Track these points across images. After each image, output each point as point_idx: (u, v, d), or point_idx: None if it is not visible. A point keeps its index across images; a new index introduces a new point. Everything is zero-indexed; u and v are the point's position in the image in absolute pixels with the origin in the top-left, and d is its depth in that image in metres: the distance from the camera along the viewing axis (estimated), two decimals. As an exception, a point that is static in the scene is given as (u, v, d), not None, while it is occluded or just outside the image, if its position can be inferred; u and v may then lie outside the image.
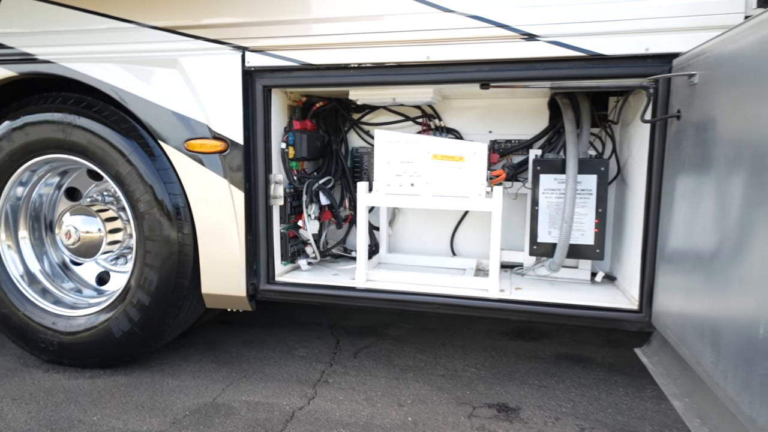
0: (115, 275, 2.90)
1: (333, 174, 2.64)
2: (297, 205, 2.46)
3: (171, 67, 2.20)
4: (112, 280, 2.90)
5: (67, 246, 2.62)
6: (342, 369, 2.62)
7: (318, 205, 2.44)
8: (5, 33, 2.36)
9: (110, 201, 2.80)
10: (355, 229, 2.80)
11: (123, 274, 2.88)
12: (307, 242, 2.47)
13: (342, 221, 2.64)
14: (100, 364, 2.60)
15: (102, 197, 2.84)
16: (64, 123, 2.41)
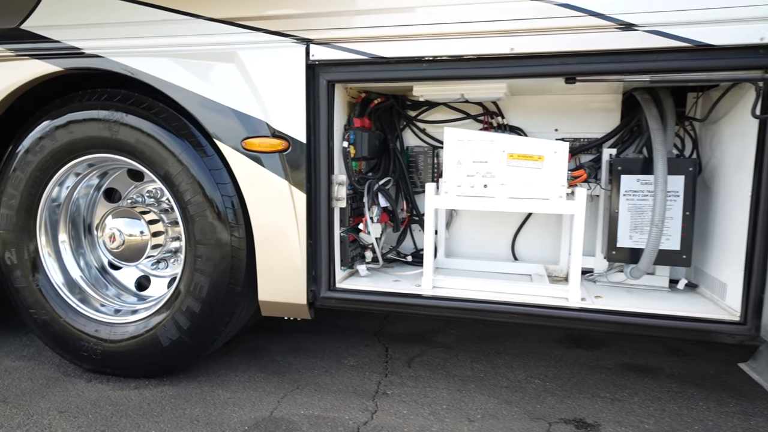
0: (156, 280, 2.78)
1: (390, 175, 2.51)
2: (355, 207, 2.34)
3: (228, 62, 2.08)
4: (153, 285, 2.78)
5: (111, 250, 2.50)
6: (398, 379, 2.49)
7: (378, 207, 2.31)
8: (50, 26, 2.24)
9: (151, 203, 2.68)
10: (409, 233, 2.68)
11: (163, 279, 2.76)
12: (366, 246, 2.34)
13: (400, 224, 2.51)
14: (145, 373, 2.48)
15: (142, 198, 2.72)
16: (111, 121, 2.29)
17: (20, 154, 2.42)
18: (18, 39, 2.28)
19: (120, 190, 2.77)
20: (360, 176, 2.33)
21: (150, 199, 2.70)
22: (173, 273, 2.74)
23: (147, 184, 2.72)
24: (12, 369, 2.60)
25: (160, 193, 2.69)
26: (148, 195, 2.70)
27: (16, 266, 2.52)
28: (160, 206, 2.63)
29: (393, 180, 2.46)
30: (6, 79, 2.31)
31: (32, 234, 2.50)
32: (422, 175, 2.58)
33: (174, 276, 2.74)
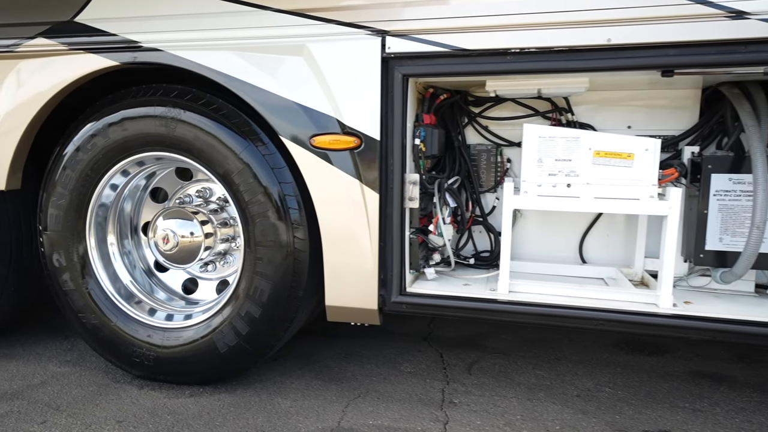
0: (203, 283, 2.68)
1: (454, 173, 2.40)
2: (422, 207, 2.23)
3: (296, 55, 1.98)
4: (200, 288, 2.68)
5: (164, 252, 2.40)
6: (462, 387, 2.39)
7: (449, 207, 2.21)
8: (106, 19, 2.15)
9: (199, 203, 2.59)
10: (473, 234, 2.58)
11: (210, 282, 2.67)
12: (435, 249, 2.24)
13: (465, 225, 2.41)
14: (199, 380, 2.38)
15: (190, 199, 2.63)
16: (168, 117, 2.20)
17: (70, 152, 2.33)
18: (71, 33, 2.19)
19: (167, 190, 2.68)
20: (429, 175, 2.23)
21: (198, 199, 2.61)
22: (220, 276, 2.65)
23: (195, 183, 2.62)
24: (59, 375, 2.51)
25: (209, 193, 2.60)
26: (197, 195, 2.61)
27: (64, 268, 2.43)
28: (208, 207, 2.54)
29: (461, 179, 2.35)
30: (59, 73, 2.22)
31: (81, 235, 2.41)
32: (484, 174, 2.48)
33: (222, 279, 2.65)
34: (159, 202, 2.69)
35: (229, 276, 2.63)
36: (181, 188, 2.65)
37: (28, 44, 2.24)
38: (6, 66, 2.29)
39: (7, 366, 2.61)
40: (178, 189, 2.65)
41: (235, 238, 2.55)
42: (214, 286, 2.67)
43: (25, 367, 2.59)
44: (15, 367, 2.59)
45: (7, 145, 2.35)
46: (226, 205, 2.57)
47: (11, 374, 2.52)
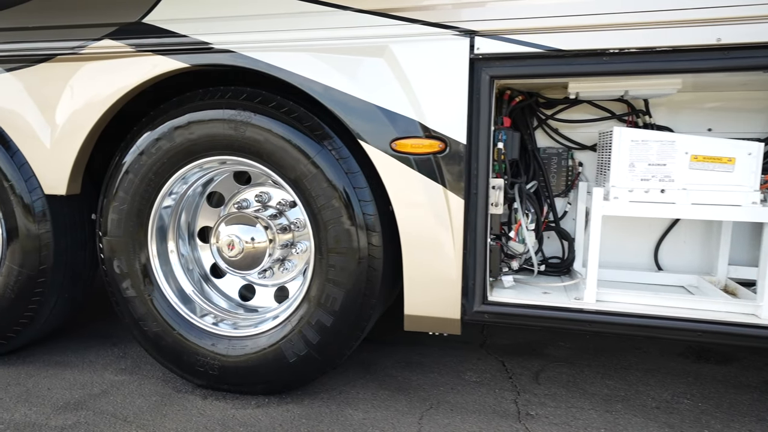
0: (261, 290, 2.62)
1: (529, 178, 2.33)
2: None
3: (377, 56, 1.92)
4: (258, 295, 2.62)
5: (228, 258, 2.34)
6: (535, 398, 2.32)
7: (531, 213, 2.14)
8: (176, 20, 2.10)
9: (257, 208, 2.53)
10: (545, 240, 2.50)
11: (268, 289, 2.61)
12: (514, 256, 2.17)
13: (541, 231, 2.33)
14: (264, 390, 2.32)
15: (247, 203, 2.57)
16: (237, 121, 2.14)
17: (134, 156, 2.28)
18: (139, 34, 2.14)
19: (223, 194, 2.62)
20: (510, 180, 2.16)
21: (256, 204, 2.55)
22: (277, 282, 2.58)
23: (254, 187, 2.57)
24: (117, 383, 2.45)
25: (267, 198, 2.54)
26: (256, 199, 2.55)
27: (125, 275, 2.37)
28: (266, 212, 2.48)
29: (537, 184, 2.28)
30: (126, 76, 2.17)
31: (143, 241, 2.36)
32: (554, 178, 2.41)
33: (279, 285, 2.59)
34: (214, 207, 2.64)
35: (286, 282, 2.57)
36: (237, 192, 2.60)
37: (94, 46, 2.19)
38: (70, 68, 2.24)
39: (62, 374, 2.56)
40: (235, 193, 2.60)
41: (294, 244, 2.49)
42: (272, 293, 2.61)
43: (81, 376, 2.54)
44: (71, 376, 2.54)
45: (69, 149, 2.30)
46: (285, 209, 2.51)
47: (69, 383, 2.46)
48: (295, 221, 2.48)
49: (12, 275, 2.51)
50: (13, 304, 2.53)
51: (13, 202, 2.46)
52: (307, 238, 2.48)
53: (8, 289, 2.52)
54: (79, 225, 2.62)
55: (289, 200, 2.49)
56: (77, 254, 2.63)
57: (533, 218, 2.15)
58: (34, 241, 2.47)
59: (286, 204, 2.50)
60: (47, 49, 2.25)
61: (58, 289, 2.60)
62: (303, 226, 2.48)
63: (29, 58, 2.28)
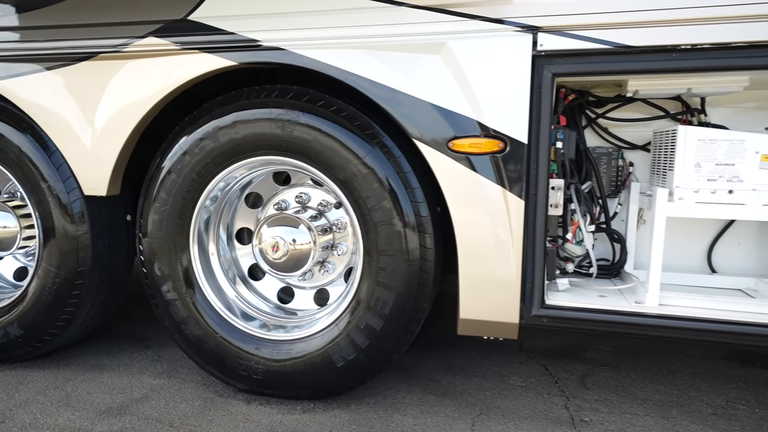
0: (300, 293, 2.57)
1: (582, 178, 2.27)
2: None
3: (433, 53, 1.87)
4: (297, 298, 2.57)
5: (272, 260, 2.30)
6: (586, 404, 2.26)
7: (590, 214, 2.09)
8: (223, 17, 2.05)
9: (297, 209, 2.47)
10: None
11: (307, 291, 2.56)
12: (569, 258, 2.12)
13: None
14: (309, 395, 2.28)
15: (286, 204, 2.52)
16: (284, 120, 2.09)
17: (177, 156, 2.24)
18: (185, 31, 2.09)
19: (262, 195, 2.57)
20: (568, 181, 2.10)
21: (296, 205, 2.50)
22: (317, 285, 2.53)
23: (294, 188, 2.52)
24: (157, 387, 2.41)
25: (307, 198, 2.49)
26: (297, 200, 2.50)
27: (166, 277, 2.33)
28: (306, 213, 2.43)
29: (592, 184, 2.23)
30: (171, 74, 2.12)
31: (185, 243, 2.31)
32: (604, 178, 2.35)
33: (319, 288, 2.54)
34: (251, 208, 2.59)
35: (325, 285, 2.52)
36: (275, 193, 2.55)
37: (138, 44, 2.15)
38: (112, 66, 2.20)
39: (100, 377, 2.52)
40: (273, 194, 2.55)
41: (335, 245, 2.44)
42: (312, 295, 2.56)
43: (119, 379, 2.49)
44: (109, 379, 2.50)
45: (110, 149, 2.26)
46: (326, 210, 2.46)
47: (107, 387, 2.42)
48: (336, 222, 2.44)
49: (49, 277, 2.47)
50: (50, 307, 2.49)
51: (50, 203, 2.42)
52: (347, 240, 2.43)
53: (45, 291, 2.48)
54: (115, 226, 2.58)
55: (329, 201, 2.45)
56: (113, 256, 2.59)
57: (590, 220, 2.10)
58: (72, 242, 2.43)
59: (327, 205, 2.46)
60: (89, 47, 2.21)
61: (95, 291, 2.56)
62: (343, 228, 2.44)
63: (70, 56, 2.23)
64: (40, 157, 2.41)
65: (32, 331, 2.53)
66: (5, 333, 2.56)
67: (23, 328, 2.53)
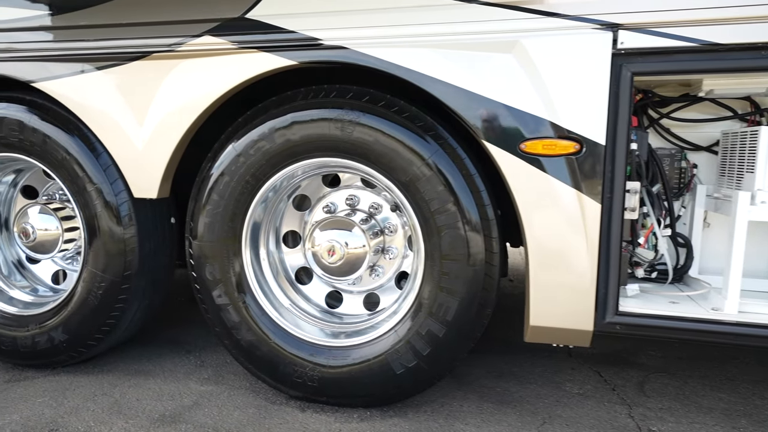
0: (349, 297, 2.51)
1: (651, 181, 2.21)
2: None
3: (506, 52, 1.81)
4: (346, 303, 2.51)
5: (327, 264, 2.24)
6: (650, 413, 2.20)
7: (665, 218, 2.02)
8: (283, 15, 1.99)
9: (347, 211, 2.42)
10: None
11: (355, 296, 2.50)
12: (639, 263, 2.06)
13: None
14: (365, 403, 2.22)
15: (334, 207, 2.46)
16: (345, 120, 2.04)
17: (230, 157, 2.18)
18: (243, 30, 2.04)
19: (310, 197, 2.51)
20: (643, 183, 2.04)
21: (346, 208, 2.44)
22: (365, 289, 2.48)
23: (343, 190, 2.46)
24: (206, 394, 2.36)
25: (357, 201, 2.43)
26: (347, 203, 2.44)
27: (218, 281, 2.28)
28: (356, 215, 2.37)
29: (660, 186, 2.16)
30: (227, 74, 2.07)
31: (237, 246, 2.26)
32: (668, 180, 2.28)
33: (368, 292, 2.48)
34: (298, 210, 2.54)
35: (375, 289, 2.47)
36: (323, 195, 2.49)
37: (193, 43, 2.10)
38: (166, 66, 2.15)
39: (146, 383, 2.47)
40: (321, 196, 2.49)
41: (386, 249, 2.39)
42: (361, 300, 2.50)
43: (165, 385, 2.44)
44: (155, 385, 2.45)
45: (162, 151, 2.21)
46: (376, 213, 2.41)
47: (155, 393, 2.37)
48: (387, 225, 2.38)
49: (95, 281, 2.42)
50: (96, 311, 2.44)
51: (98, 206, 2.37)
52: (397, 243, 2.37)
53: (91, 295, 2.43)
54: (160, 229, 2.54)
55: (380, 203, 2.39)
56: (158, 259, 2.54)
57: (666, 223, 2.04)
58: (119, 245, 2.38)
59: (378, 207, 2.40)
60: (142, 47, 2.16)
61: (141, 295, 2.51)
62: (394, 231, 2.38)
63: (122, 55, 2.19)
64: (87, 159, 2.36)
65: (77, 336, 2.49)
66: (49, 338, 2.51)
67: (68, 333, 2.49)
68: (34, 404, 2.27)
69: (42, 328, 2.52)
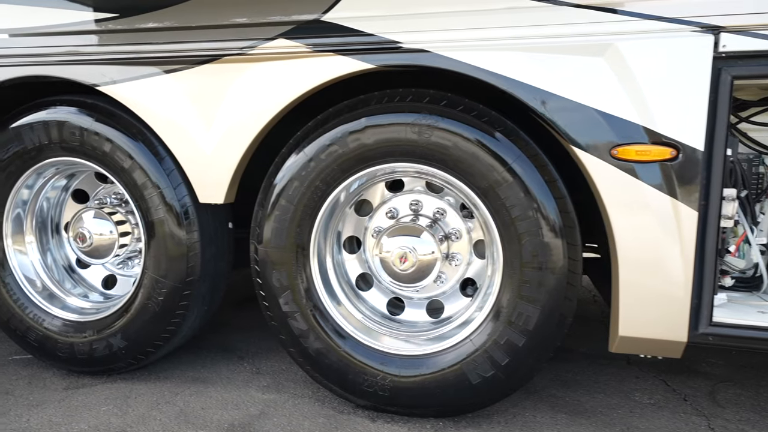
0: (410, 304, 2.46)
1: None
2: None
3: (596, 55, 1.76)
4: (407, 310, 2.47)
5: (398, 271, 2.20)
6: (731, 425, 2.15)
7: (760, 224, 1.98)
8: (363, 17, 1.95)
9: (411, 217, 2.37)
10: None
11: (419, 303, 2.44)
12: (728, 272, 2.01)
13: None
14: (437, 413, 2.17)
15: (396, 212, 2.41)
16: (422, 125, 1.99)
17: (301, 162, 2.14)
18: (319, 33, 2.00)
19: (372, 202, 2.47)
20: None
21: (410, 213, 2.39)
22: (429, 296, 2.42)
23: (404, 195, 2.41)
24: (270, 403, 2.32)
25: (420, 206, 2.38)
26: (412, 208, 2.39)
27: (284, 288, 2.23)
28: (419, 221, 2.32)
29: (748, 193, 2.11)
30: (301, 77, 2.03)
31: (305, 252, 2.22)
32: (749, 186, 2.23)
33: (431, 299, 2.43)
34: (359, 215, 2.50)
35: (438, 296, 2.42)
36: (385, 201, 2.44)
37: (266, 46, 2.06)
38: (237, 70, 2.11)
39: (206, 391, 2.43)
40: (383, 201, 2.44)
41: (451, 256, 2.34)
42: (424, 307, 2.45)
43: (227, 393, 2.40)
44: (216, 393, 2.41)
45: (232, 156, 2.17)
46: (441, 219, 2.36)
47: (218, 401, 2.33)
48: (453, 231, 2.33)
49: (156, 287, 2.38)
50: (157, 317, 2.40)
51: (160, 211, 2.33)
52: (461, 250, 2.32)
53: (151, 301, 2.39)
54: (220, 234, 2.50)
55: (444, 208, 2.34)
56: (218, 265, 2.51)
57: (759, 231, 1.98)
58: (182, 251, 2.34)
59: (444, 213, 2.35)
60: (212, 50, 2.12)
61: (201, 301, 2.48)
62: (459, 237, 2.33)
63: (191, 59, 2.15)
64: (150, 163, 2.33)
65: (137, 343, 2.45)
66: (108, 344, 2.48)
67: (127, 339, 2.45)
68: (99, 413, 2.23)
69: (100, 334, 2.49)
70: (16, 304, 2.62)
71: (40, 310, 2.62)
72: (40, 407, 2.29)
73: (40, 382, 2.53)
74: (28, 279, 2.69)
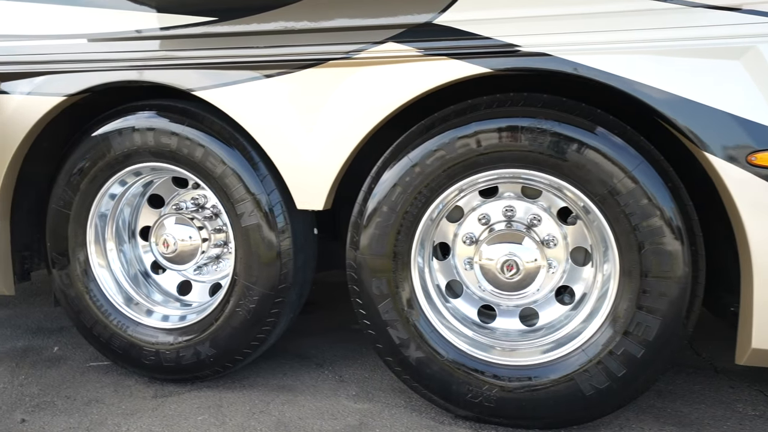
0: (501, 311, 2.41)
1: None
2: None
3: (732, 59, 1.71)
4: (499, 317, 2.41)
5: (504, 280, 2.16)
6: None
7: None
8: (477, 20, 1.91)
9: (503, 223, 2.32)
10: None
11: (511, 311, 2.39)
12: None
13: None
14: (544, 425, 2.12)
15: (488, 219, 2.36)
16: (536, 130, 1.95)
17: (405, 168, 2.10)
18: (431, 36, 1.96)
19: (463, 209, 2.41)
20: None
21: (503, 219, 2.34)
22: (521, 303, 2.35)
23: (497, 201, 2.34)
24: (366, 413, 2.27)
25: (514, 212, 2.33)
26: (505, 214, 2.34)
27: (384, 296, 2.19)
28: (512, 227, 2.27)
29: None
30: (411, 82, 1.99)
31: (407, 260, 2.17)
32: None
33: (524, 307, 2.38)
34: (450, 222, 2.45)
35: (531, 304, 2.36)
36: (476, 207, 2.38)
37: (374, 50, 2.02)
38: (341, 74, 2.07)
39: (296, 400, 2.39)
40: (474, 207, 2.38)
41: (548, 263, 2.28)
42: (517, 315, 2.40)
43: (318, 403, 2.36)
44: (306, 402, 2.37)
45: (334, 162, 2.13)
46: (535, 225, 2.30)
47: (312, 411, 2.29)
48: (550, 238, 2.28)
49: (247, 294, 2.35)
50: (248, 325, 2.36)
51: (254, 217, 2.29)
52: (557, 256, 2.27)
53: (242, 309, 2.36)
54: (310, 240, 2.47)
55: (539, 215, 2.28)
56: (307, 272, 2.47)
57: None
58: (275, 258, 2.31)
59: (539, 219, 2.30)
60: (315, 54, 2.08)
61: (290, 309, 2.44)
62: (555, 244, 2.27)
63: (293, 63, 2.11)
64: (244, 169, 2.29)
65: (225, 351, 2.41)
66: (195, 352, 2.45)
67: (215, 347, 2.41)
68: (197, 422, 2.20)
69: (188, 341, 2.46)
70: (100, 311, 2.60)
71: (124, 316, 2.59)
72: (135, 416, 2.26)
73: (127, 390, 2.50)
74: (110, 286, 2.66)
